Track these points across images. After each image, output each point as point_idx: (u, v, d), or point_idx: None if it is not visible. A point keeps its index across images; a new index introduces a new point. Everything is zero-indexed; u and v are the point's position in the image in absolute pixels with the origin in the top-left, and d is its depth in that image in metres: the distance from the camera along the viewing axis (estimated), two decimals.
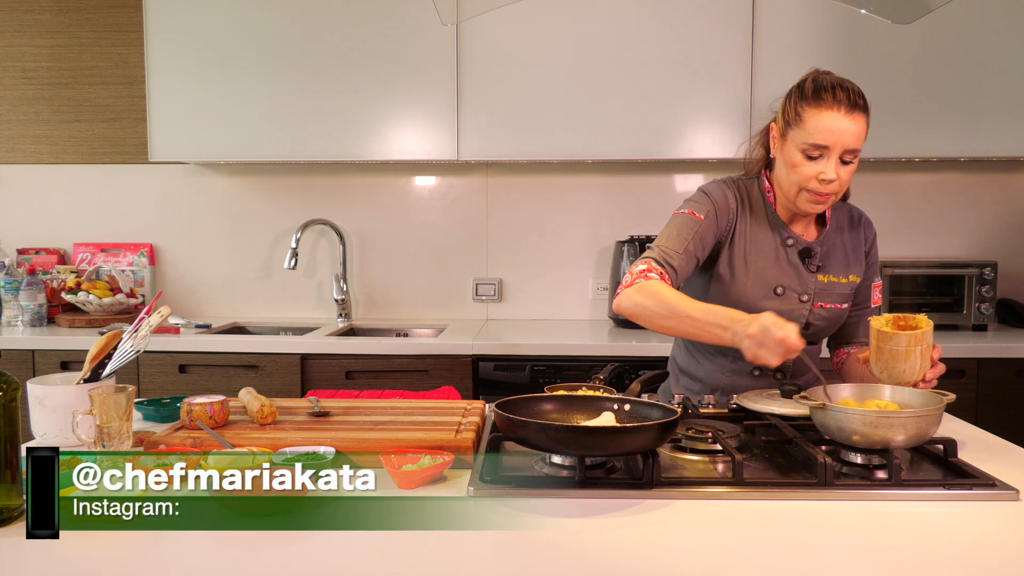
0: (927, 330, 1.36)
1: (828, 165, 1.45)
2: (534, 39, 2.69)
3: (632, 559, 0.96)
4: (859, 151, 1.46)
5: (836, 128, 1.43)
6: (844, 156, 1.45)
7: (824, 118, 1.44)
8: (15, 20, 3.07)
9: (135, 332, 1.41)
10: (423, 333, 2.95)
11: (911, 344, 1.35)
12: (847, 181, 1.48)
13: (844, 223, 1.64)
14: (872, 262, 1.65)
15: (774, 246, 1.58)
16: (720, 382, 1.66)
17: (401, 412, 1.52)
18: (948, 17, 2.59)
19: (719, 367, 1.66)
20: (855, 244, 1.63)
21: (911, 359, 1.35)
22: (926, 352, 1.36)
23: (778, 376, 1.64)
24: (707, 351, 1.67)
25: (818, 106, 1.46)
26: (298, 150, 2.78)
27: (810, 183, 1.47)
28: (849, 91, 1.47)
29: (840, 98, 1.45)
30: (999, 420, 2.37)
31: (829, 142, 1.44)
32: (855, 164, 1.47)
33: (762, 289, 1.56)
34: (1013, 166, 2.99)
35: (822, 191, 1.47)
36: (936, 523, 1.08)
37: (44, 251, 3.13)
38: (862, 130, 1.45)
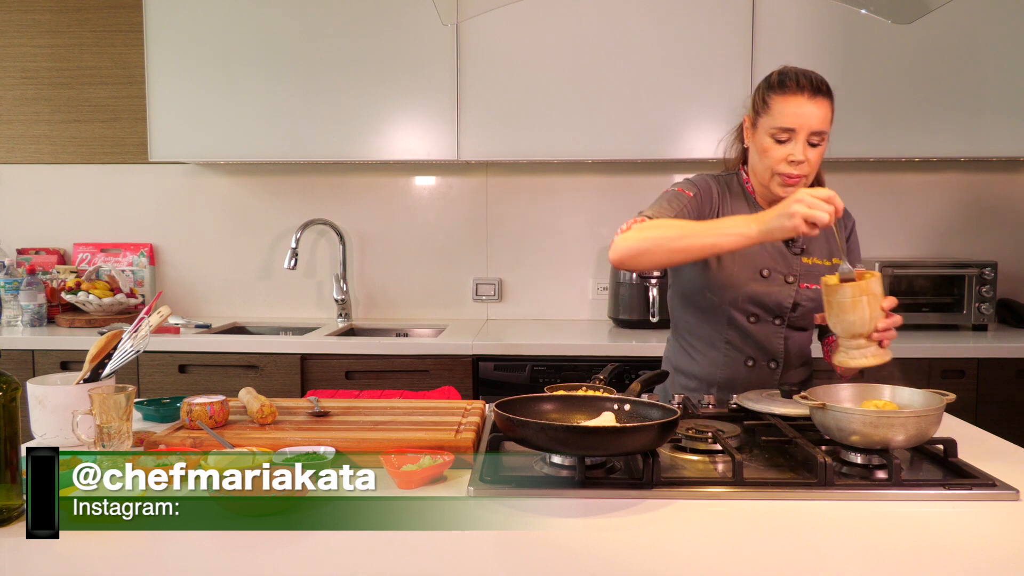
0: (871, 280, 1.37)
1: (796, 147, 1.53)
2: (534, 39, 2.69)
3: (632, 559, 0.96)
4: (825, 133, 1.54)
5: (801, 112, 1.51)
6: (811, 139, 1.53)
7: (789, 103, 1.52)
8: (15, 20, 3.07)
9: (135, 332, 1.41)
10: (423, 333, 2.95)
11: (856, 294, 1.36)
12: (816, 163, 1.55)
13: None
14: (852, 249, 1.72)
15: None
16: (715, 376, 1.68)
17: (401, 412, 1.52)
18: (948, 17, 2.59)
19: (713, 361, 1.68)
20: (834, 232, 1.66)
21: (859, 310, 1.37)
22: (874, 302, 1.37)
23: (771, 366, 1.66)
24: (702, 347, 1.69)
25: (783, 93, 1.54)
26: (298, 150, 2.78)
27: (781, 166, 1.54)
28: (812, 78, 1.55)
29: (803, 84, 1.54)
30: (999, 420, 2.37)
31: (795, 125, 1.52)
32: (823, 147, 1.54)
33: (749, 271, 1.61)
34: (1013, 166, 2.99)
35: (792, 172, 1.54)
36: (936, 523, 1.08)
37: (44, 251, 3.13)
38: (826, 114, 1.53)
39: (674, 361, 1.76)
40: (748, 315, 1.63)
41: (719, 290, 1.62)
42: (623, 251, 1.43)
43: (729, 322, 1.65)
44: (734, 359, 1.66)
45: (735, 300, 1.62)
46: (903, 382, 1.40)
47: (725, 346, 1.66)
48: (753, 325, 1.63)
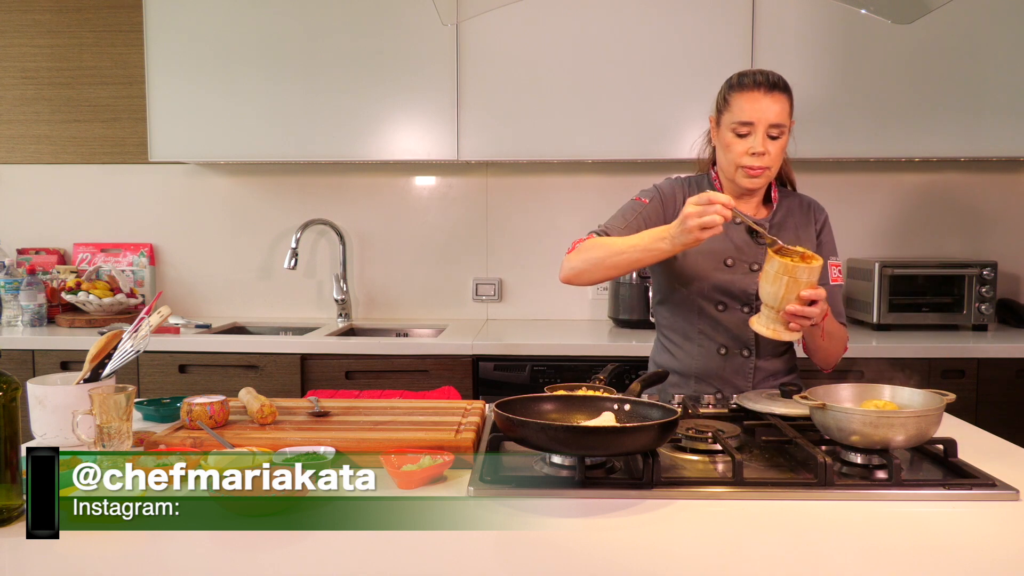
0: (800, 265, 1.40)
1: (756, 140, 1.61)
2: (534, 39, 2.69)
3: (632, 559, 0.96)
4: (784, 127, 1.61)
5: (758, 106, 1.60)
6: (770, 131, 1.61)
7: (747, 99, 1.61)
8: (15, 20, 3.07)
9: (135, 332, 1.41)
10: (423, 333, 2.95)
11: (779, 271, 1.41)
12: (777, 156, 1.62)
13: (795, 208, 1.75)
14: (824, 242, 1.74)
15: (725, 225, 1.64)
16: (691, 368, 1.72)
17: (401, 412, 1.52)
18: (948, 17, 2.59)
19: (689, 353, 1.73)
20: (805, 224, 1.73)
21: (776, 285, 1.41)
22: (792, 285, 1.40)
23: (744, 353, 1.69)
24: (678, 340, 1.74)
25: (741, 90, 1.63)
26: (298, 150, 2.78)
27: (743, 159, 1.62)
28: (768, 75, 1.63)
29: (760, 81, 1.62)
30: (999, 420, 2.38)
31: (753, 118, 1.60)
32: (783, 140, 1.62)
33: (713, 262, 1.68)
34: (1013, 166, 2.99)
35: (754, 164, 1.62)
36: (936, 523, 1.08)
37: (44, 251, 3.13)
38: (783, 107, 1.61)
39: (656, 358, 1.82)
40: (716, 304, 1.68)
41: (686, 281, 1.69)
42: (566, 272, 1.64)
43: (699, 312, 1.70)
44: (708, 349, 1.71)
45: (702, 290, 1.68)
46: (903, 382, 1.40)
47: (699, 336, 1.71)
48: (722, 313, 1.67)
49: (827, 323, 1.57)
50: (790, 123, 1.64)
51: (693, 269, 1.68)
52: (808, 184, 3.00)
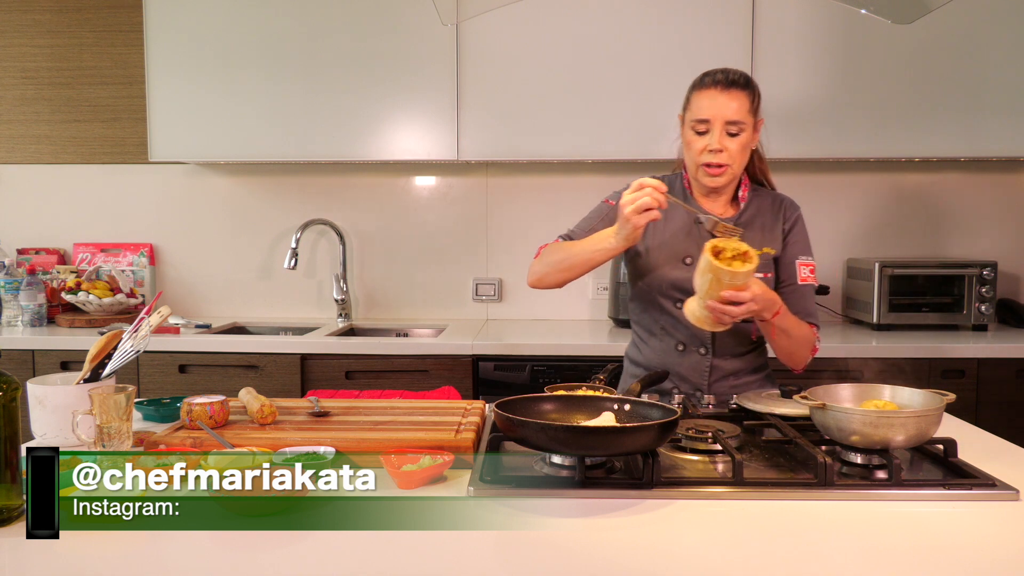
0: (723, 268, 1.42)
1: (713, 137, 1.62)
2: (534, 39, 2.69)
3: (632, 559, 0.96)
4: (742, 123, 1.62)
5: (714, 103, 1.62)
6: (728, 128, 1.62)
7: (705, 96, 1.63)
8: (15, 20, 3.07)
9: (135, 332, 1.41)
10: (423, 333, 2.95)
11: (706, 268, 1.44)
12: (737, 154, 1.63)
13: (765, 206, 1.75)
14: (794, 241, 1.74)
15: (687, 224, 1.70)
16: (652, 362, 1.75)
17: (401, 412, 1.52)
18: (948, 17, 2.59)
19: (652, 348, 1.75)
20: (772, 223, 1.73)
21: (702, 279, 1.45)
22: (716, 284, 1.43)
23: (702, 351, 1.70)
24: (644, 335, 1.77)
25: (701, 89, 1.65)
26: (298, 150, 2.78)
27: (702, 156, 1.64)
28: (728, 73, 1.65)
29: (718, 79, 1.64)
30: (999, 420, 2.38)
31: (710, 115, 1.62)
32: (743, 138, 1.63)
33: (673, 259, 1.69)
34: (1013, 166, 2.99)
35: (712, 162, 1.63)
36: (936, 523, 1.08)
37: (44, 251, 3.13)
38: (741, 105, 1.62)
39: (628, 353, 1.84)
40: (675, 301, 1.69)
41: (648, 278, 1.72)
42: (531, 276, 1.71)
43: (660, 309, 1.72)
44: (667, 345, 1.72)
45: (660, 286, 1.70)
46: (903, 382, 1.40)
47: (660, 332, 1.73)
48: (680, 311, 1.66)
49: (783, 321, 1.57)
50: (753, 120, 1.65)
51: (653, 266, 1.71)
52: (808, 184, 3.02)
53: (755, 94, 1.65)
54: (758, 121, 1.68)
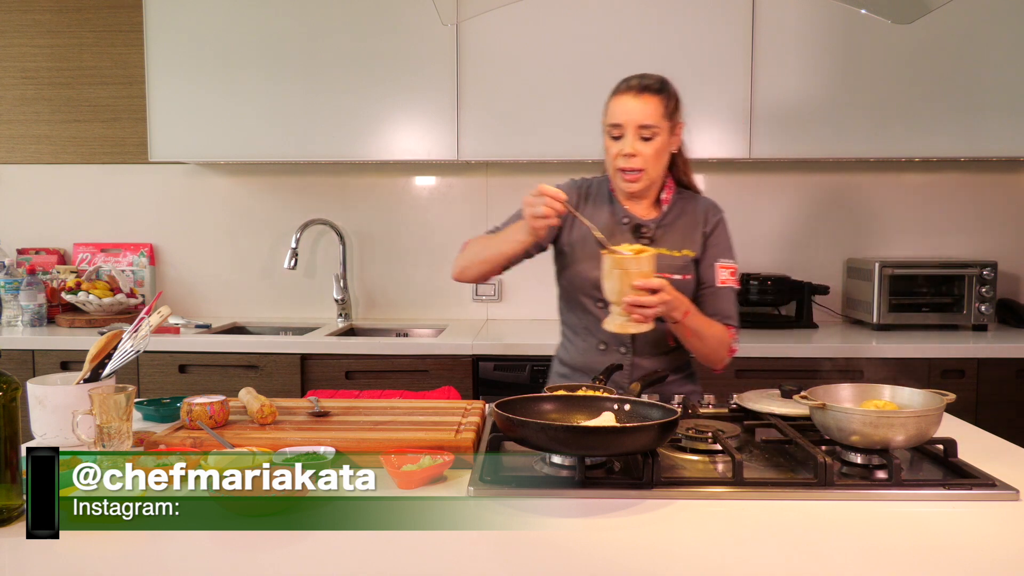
0: (626, 257, 1.45)
1: (625, 142, 1.65)
2: (534, 39, 2.69)
3: (632, 559, 0.96)
4: (654, 128, 1.64)
5: (625, 108, 1.65)
6: (641, 133, 1.64)
7: (617, 102, 1.67)
8: (15, 20, 3.07)
9: (135, 332, 1.41)
10: (423, 333, 2.95)
11: (612, 267, 1.47)
12: (651, 158, 1.65)
13: (688, 210, 1.76)
14: (715, 244, 1.74)
15: (610, 225, 1.73)
16: (577, 361, 1.77)
17: (401, 412, 1.52)
18: (948, 17, 2.59)
19: (577, 347, 1.78)
20: (693, 225, 1.75)
21: (611, 280, 1.47)
22: (625, 277, 1.45)
23: (622, 351, 1.72)
24: (570, 334, 1.80)
25: (615, 95, 1.69)
26: (298, 150, 2.78)
27: (617, 161, 1.67)
28: (642, 78, 1.68)
29: (632, 84, 1.67)
30: (999, 420, 2.37)
31: (621, 120, 1.65)
32: (657, 142, 1.65)
33: (592, 259, 1.68)
34: (1013, 166, 2.99)
35: (626, 166, 1.66)
36: (936, 523, 1.08)
37: (44, 251, 3.13)
38: (652, 109, 1.64)
39: (557, 352, 1.86)
40: (596, 301, 1.70)
41: (571, 278, 1.74)
42: (454, 270, 1.76)
43: (583, 308, 1.74)
44: (590, 344, 1.75)
45: (582, 286, 1.72)
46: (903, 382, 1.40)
47: (584, 331, 1.76)
48: (601, 311, 1.67)
49: (693, 322, 1.59)
50: (669, 125, 1.66)
51: (576, 267, 1.72)
52: (808, 184, 3.02)
53: (671, 99, 1.67)
54: (677, 125, 1.69)
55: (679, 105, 1.70)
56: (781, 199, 3.03)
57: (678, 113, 1.69)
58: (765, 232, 3.03)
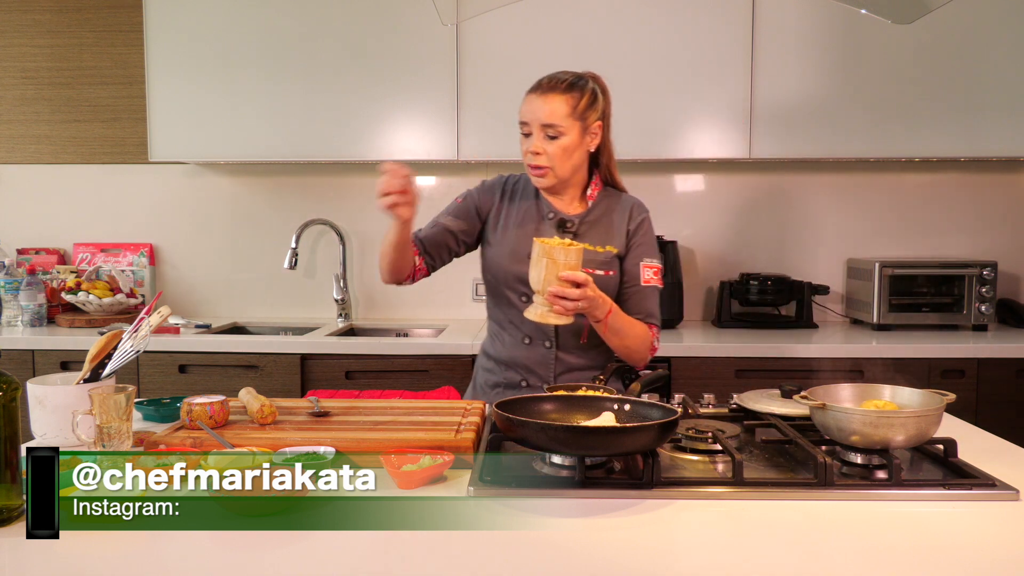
0: (556, 247, 1.46)
1: (532, 140, 1.68)
2: (534, 39, 2.69)
3: (632, 559, 0.96)
4: (559, 127, 1.65)
5: (531, 107, 1.68)
6: (546, 131, 1.66)
7: (526, 101, 1.70)
8: (15, 20, 3.07)
9: (135, 332, 1.41)
10: (423, 333, 2.95)
11: (540, 255, 1.47)
12: (557, 156, 1.67)
13: (614, 207, 1.77)
14: (640, 243, 1.76)
15: (535, 220, 1.75)
16: (503, 355, 1.78)
17: (401, 412, 1.52)
18: (948, 17, 2.59)
19: (503, 341, 1.78)
20: (618, 223, 1.76)
21: (538, 268, 1.48)
22: (553, 267, 1.46)
23: (546, 345, 1.73)
24: (496, 328, 1.81)
25: (527, 94, 1.71)
26: (298, 150, 2.78)
27: (526, 158, 1.70)
28: (552, 77, 1.70)
29: (542, 84, 1.69)
30: (999, 420, 2.37)
31: (527, 119, 1.68)
32: (563, 141, 1.66)
33: (517, 254, 1.72)
34: (1013, 166, 2.99)
35: (533, 163, 1.68)
36: (936, 523, 1.08)
37: (44, 251, 3.13)
38: (557, 108, 1.65)
39: (483, 346, 1.87)
40: (519, 295, 1.72)
41: (495, 272, 1.76)
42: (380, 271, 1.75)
43: (508, 302, 1.75)
44: (515, 338, 1.75)
45: (506, 280, 1.74)
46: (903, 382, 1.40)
47: (509, 325, 1.77)
48: (524, 304, 1.68)
49: (615, 321, 1.61)
50: (580, 124, 1.66)
51: (498, 261, 1.74)
52: (808, 184, 3.02)
53: (583, 97, 1.67)
54: (592, 124, 1.69)
55: (596, 103, 1.69)
56: (781, 199, 3.03)
57: (592, 111, 1.68)
58: (765, 232, 3.03)
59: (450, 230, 1.77)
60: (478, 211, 1.79)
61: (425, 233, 1.77)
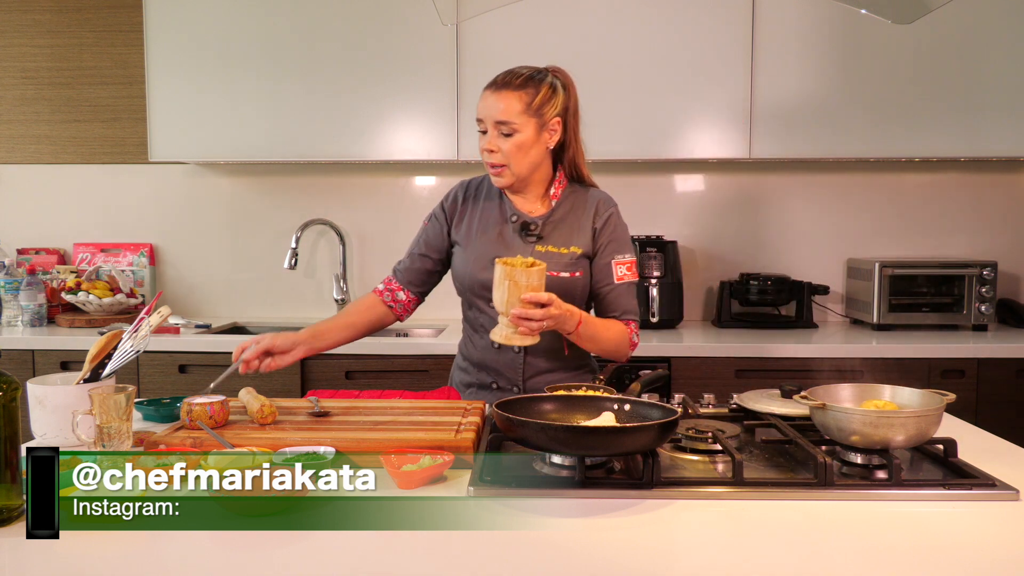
0: (517, 268, 1.45)
1: (487, 138, 1.65)
2: (534, 39, 2.69)
3: (632, 559, 0.96)
4: (512, 124, 1.62)
5: (485, 104, 1.65)
6: (500, 129, 1.63)
7: (482, 97, 1.67)
8: (15, 20, 3.07)
9: (135, 332, 1.41)
10: (423, 333, 2.94)
11: (501, 276, 1.46)
12: (512, 153, 1.64)
13: (579, 203, 1.74)
14: (608, 241, 1.72)
15: (499, 223, 1.74)
16: (475, 357, 1.78)
17: (401, 412, 1.52)
18: (948, 17, 2.59)
19: (475, 344, 1.78)
20: (584, 221, 1.72)
21: (501, 290, 1.46)
22: (514, 289, 1.45)
23: (515, 349, 1.72)
24: (469, 331, 1.81)
25: (483, 90, 1.67)
26: (298, 150, 2.78)
27: (483, 155, 1.67)
28: (508, 73, 1.67)
29: (497, 80, 1.66)
30: (999, 420, 2.37)
31: (482, 116, 1.65)
32: (518, 138, 1.63)
33: (482, 260, 1.71)
34: (1013, 166, 2.99)
35: (489, 161, 1.66)
36: (936, 523, 1.08)
37: (44, 251, 3.13)
38: (509, 105, 1.62)
39: (459, 346, 1.87)
40: (487, 301, 1.70)
41: (460, 278, 1.76)
42: None
43: (478, 308, 1.74)
44: (486, 341, 1.75)
45: (472, 286, 1.73)
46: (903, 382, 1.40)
47: (480, 329, 1.76)
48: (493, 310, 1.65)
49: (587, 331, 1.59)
50: (536, 120, 1.63)
51: (465, 269, 1.73)
52: (808, 184, 3.02)
53: (538, 92, 1.63)
54: (550, 120, 1.65)
55: (554, 98, 1.66)
56: (781, 199, 3.03)
57: (550, 107, 1.65)
58: (765, 232, 3.03)
59: (425, 256, 1.80)
60: (444, 227, 1.79)
61: (405, 266, 1.81)
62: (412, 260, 1.81)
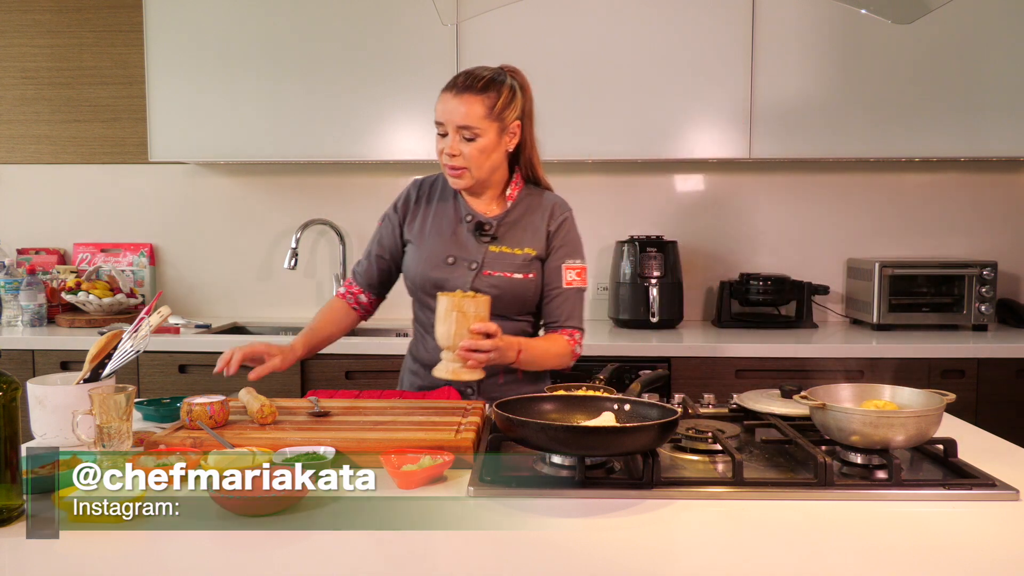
0: (463, 299, 1.45)
1: (447, 141, 1.63)
2: (534, 39, 2.69)
3: (632, 559, 0.96)
4: (474, 128, 1.61)
5: (446, 108, 1.62)
6: (462, 133, 1.61)
7: (441, 100, 1.63)
8: (15, 20, 3.07)
9: (135, 332, 1.41)
10: None
11: (447, 309, 1.45)
12: (474, 157, 1.63)
13: (535, 205, 1.74)
14: (560, 244, 1.72)
15: (453, 223, 1.73)
16: (427, 359, 1.74)
17: (401, 412, 1.52)
18: (948, 17, 2.59)
19: (425, 346, 1.76)
20: (538, 223, 1.72)
21: (447, 323, 1.45)
22: (462, 320, 1.44)
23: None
24: (421, 332, 1.79)
25: (442, 92, 1.64)
26: (298, 150, 2.78)
27: (442, 158, 1.65)
28: (468, 75, 1.63)
29: (457, 83, 1.63)
30: (999, 420, 2.37)
31: (442, 119, 1.63)
32: (480, 143, 1.62)
33: (435, 260, 1.71)
34: (1013, 166, 2.99)
35: (448, 164, 1.64)
36: (936, 523, 1.08)
37: (44, 251, 3.13)
38: (472, 110, 1.60)
39: (409, 347, 1.85)
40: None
41: (412, 277, 1.74)
42: None
43: (429, 308, 1.70)
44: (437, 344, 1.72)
45: (423, 286, 1.72)
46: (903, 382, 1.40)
47: (432, 329, 1.70)
48: None
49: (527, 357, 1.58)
50: (498, 124, 1.62)
51: (417, 268, 1.72)
52: (808, 184, 3.02)
53: (499, 97, 1.62)
54: (510, 123, 1.65)
55: (514, 101, 1.65)
56: (781, 199, 3.03)
57: (511, 110, 1.64)
58: (765, 232, 3.03)
59: (381, 256, 1.80)
60: (397, 227, 1.78)
61: (364, 268, 1.82)
62: (369, 262, 1.81)
